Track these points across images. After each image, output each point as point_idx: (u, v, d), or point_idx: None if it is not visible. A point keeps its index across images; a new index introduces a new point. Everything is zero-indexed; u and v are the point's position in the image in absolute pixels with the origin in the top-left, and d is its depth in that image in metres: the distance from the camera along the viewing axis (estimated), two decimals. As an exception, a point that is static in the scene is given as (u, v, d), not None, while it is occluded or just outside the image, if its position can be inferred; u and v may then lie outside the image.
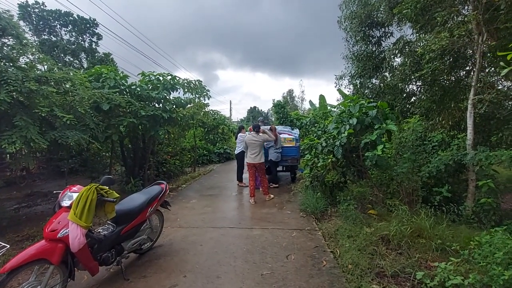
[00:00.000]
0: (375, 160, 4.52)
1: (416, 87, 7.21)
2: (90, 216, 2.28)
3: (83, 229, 2.24)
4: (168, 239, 3.85)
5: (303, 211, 4.93)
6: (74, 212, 2.24)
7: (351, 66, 8.12)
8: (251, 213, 4.98)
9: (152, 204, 3.17)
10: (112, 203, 2.47)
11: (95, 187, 2.37)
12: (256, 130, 5.92)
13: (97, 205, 2.42)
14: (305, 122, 11.28)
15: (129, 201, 3.03)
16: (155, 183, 3.60)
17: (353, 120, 4.94)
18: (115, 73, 6.29)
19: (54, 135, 4.62)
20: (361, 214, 4.59)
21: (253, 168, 5.88)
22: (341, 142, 4.81)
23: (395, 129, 4.81)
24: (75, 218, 2.21)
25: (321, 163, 5.16)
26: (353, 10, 7.37)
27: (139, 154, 7.73)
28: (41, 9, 13.45)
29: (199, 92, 7.79)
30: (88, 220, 2.27)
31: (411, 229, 3.74)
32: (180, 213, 5.01)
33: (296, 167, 7.67)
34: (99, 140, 5.75)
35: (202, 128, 12.82)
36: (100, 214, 2.50)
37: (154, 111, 6.35)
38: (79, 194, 2.31)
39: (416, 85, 7.00)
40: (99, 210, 2.47)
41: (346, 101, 5.50)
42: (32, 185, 9.04)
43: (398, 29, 6.94)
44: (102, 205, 2.47)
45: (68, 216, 2.24)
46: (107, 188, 2.48)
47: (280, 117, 14.62)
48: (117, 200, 2.59)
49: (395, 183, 5.26)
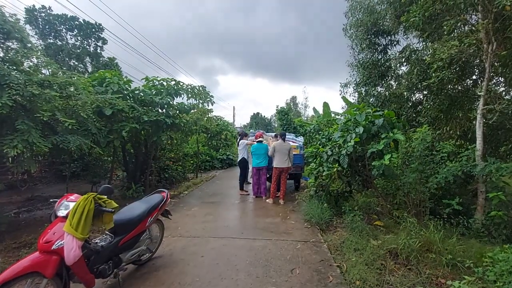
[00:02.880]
0: (382, 170, 4.40)
1: (422, 96, 7.10)
2: (86, 227, 2.19)
3: (79, 241, 2.14)
4: (168, 249, 3.73)
5: (308, 221, 4.80)
6: (70, 222, 2.14)
7: (357, 73, 8.05)
8: (254, 223, 4.85)
9: (152, 214, 3.07)
10: (110, 214, 2.37)
11: (93, 197, 2.28)
12: (283, 138, 6.41)
13: (94, 215, 2.33)
14: (309, 130, 11.16)
15: (129, 211, 2.93)
16: (156, 191, 3.51)
17: (359, 129, 4.84)
18: (118, 78, 6.25)
19: (56, 140, 4.58)
20: (367, 225, 4.45)
21: (279, 172, 6.24)
22: (347, 151, 4.69)
23: (402, 139, 4.70)
24: (71, 229, 2.12)
25: (326, 172, 5.04)
26: (358, 18, 7.33)
27: (141, 160, 7.66)
28: (47, 13, 13.61)
29: (203, 97, 7.74)
30: (85, 231, 2.17)
31: (420, 242, 3.60)
32: (181, 221, 4.90)
33: (301, 175, 7.57)
34: (100, 145, 5.70)
35: (205, 134, 12.76)
36: (98, 225, 2.41)
37: (157, 117, 6.30)
38: (76, 203, 2.22)
39: (423, 94, 6.89)
40: (97, 221, 2.37)
41: (352, 109, 5.40)
42: (34, 189, 8.99)
43: (404, 37, 6.88)
44: (100, 215, 2.37)
45: (64, 227, 2.15)
46: (105, 198, 2.39)
47: (283, 123, 14.53)
48: (116, 210, 2.50)
49: (402, 194, 5.13)
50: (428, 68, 6.05)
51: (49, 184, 9.89)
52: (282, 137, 6.46)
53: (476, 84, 6.20)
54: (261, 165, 6.60)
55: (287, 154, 6.26)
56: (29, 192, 8.27)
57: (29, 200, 7.35)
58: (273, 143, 6.52)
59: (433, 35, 6.06)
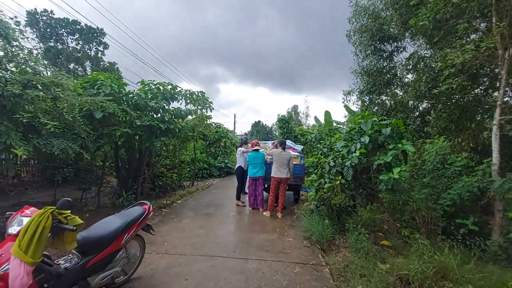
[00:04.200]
0: (391, 185, 4.01)
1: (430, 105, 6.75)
2: (39, 249, 1.81)
3: (28, 266, 1.76)
4: (149, 268, 3.33)
5: (307, 239, 4.38)
6: (20, 243, 1.77)
7: (360, 81, 7.73)
8: (248, 239, 4.42)
9: (130, 230, 2.69)
10: (72, 232, 1.99)
11: (51, 212, 1.91)
12: (283, 146, 6.06)
13: (54, 233, 1.96)
14: (310, 138, 10.81)
15: (101, 226, 2.55)
16: (137, 203, 3.13)
17: (364, 138, 4.47)
18: (111, 80, 5.96)
19: (38, 143, 4.26)
20: (373, 245, 4.04)
21: (277, 183, 5.89)
22: (351, 163, 4.32)
23: (412, 150, 4.33)
24: (19, 251, 1.75)
25: (328, 184, 4.65)
26: (363, 24, 7.05)
27: (134, 166, 7.31)
28: (49, 17, 13.54)
29: (201, 103, 7.44)
30: (36, 254, 1.79)
31: (434, 268, 3.19)
32: (168, 235, 4.49)
33: (300, 186, 7.16)
34: (90, 150, 5.37)
35: (203, 140, 12.42)
36: (57, 245, 2.03)
37: (151, 121, 5.97)
38: (29, 220, 1.85)
39: (431, 103, 6.54)
40: (57, 240, 2.00)
41: (356, 117, 5.06)
42: (23, 194, 8.62)
43: (412, 43, 6.57)
44: (61, 233, 1.99)
45: (12, 248, 1.78)
46: (67, 213, 2.01)
47: (284, 132, 14.25)
48: (82, 227, 2.12)
49: (410, 210, 4.73)
50: (437, 75, 5.73)
51: (40, 189, 9.51)
52: (282, 145, 6.09)
53: (487, 93, 5.86)
54: (257, 175, 6.21)
55: (287, 164, 5.88)
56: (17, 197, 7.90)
57: (14, 206, 6.96)
58: (271, 150, 6.17)
59: (441, 42, 5.75)
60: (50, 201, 6.99)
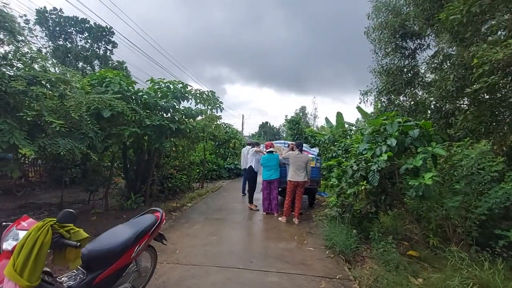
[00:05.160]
0: (422, 191, 3.65)
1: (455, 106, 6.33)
2: (37, 269, 1.53)
3: (23, 290, 1.48)
4: (161, 280, 3.04)
5: (329, 248, 4.04)
6: (14, 262, 1.50)
7: (379, 80, 7.34)
8: (265, 248, 4.10)
9: (141, 241, 2.40)
10: (76, 249, 1.70)
11: (51, 224, 1.63)
12: (300, 149, 5.78)
13: (55, 249, 1.68)
14: (324, 140, 10.44)
15: (109, 237, 2.26)
16: (148, 210, 2.85)
17: (391, 141, 4.13)
18: (120, 78, 5.72)
19: (44, 142, 4.04)
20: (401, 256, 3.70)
21: (293, 187, 5.56)
22: (378, 167, 3.97)
23: (444, 154, 3.99)
24: (13, 273, 1.47)
25: (351, 190, 4.31)
26: (384, 20, 6.68)
27: (143, 167, 7.07)
28: (58, 15, 13.46)
29: (212, 103, 7.17)
30: (33, 276, 1.51)
31: (475, 285, 2.85)
32: (180, 242, 4.21)
33: (316, 190, 6.81)
34: (97, 150, 5.14)
35: (213, 141, 12.16)
36: (59, 263, 1.74)
37: (161, 121, 5.72)
38: (25, 235, 1.58)
39: (457, 104, 6.13)
40: (58, 257, 1.72)
41: (381, 117, 4.71)
42: (30, 195, 8.49)
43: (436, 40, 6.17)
44: (63, 249, 1.71)
45: (5, 269, 1.50)
46: (71, 226, 1.73)
47: (294, 133, 13.93)
48: (87, 241, 1.84)
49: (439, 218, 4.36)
50: (467, 73, 5.34)
51: (48, 190, 9.37)
52: (299, 147, 5.76)
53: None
54: (272, 177, 5.89)
55: (304, 167, 5.54)
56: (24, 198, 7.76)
57: (21, 208, 6.80)
58: (286, 153, 5.81)
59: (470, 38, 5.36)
60: (57, 203, 6.81)
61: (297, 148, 5.74)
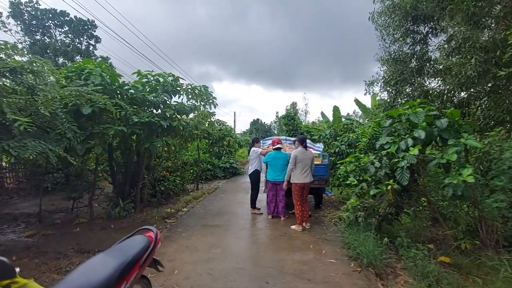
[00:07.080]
0: (461, 190, 3.13)
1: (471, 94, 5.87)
2: None
3: None
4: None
5: (354, 259, 3.48)
6: None
7: (387, 69, 6.83)
8: (279, 262, 3.48)
9: (128, 276, 1.76)
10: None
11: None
12: (304, 145, 5.12)
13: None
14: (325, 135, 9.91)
15: (84, 276, 1.60)
16: (138, 229, 2.19)
17: (419, 133, 3.59)
18: (102, 69, 5.00)
19: (8, 145, 3.34)
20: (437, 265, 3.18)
21: (301, 189, 4.91)
22: (407, 163, 3.42)
23: (479, 146, 3.50)
24: None
25: (373, 191, 3.75)
26: (393, 2, 6.14)
27: (132, 170, 6.37)
28: (34, 8, 12.38)
29: (204, 99, 6.52)
30: None
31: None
32: (178, 258, 3.56)
33: (324, 189, 6.25)
34: (78, 153, 4.43)
35: (207, 139, 11.49)
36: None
37: (150, 118, 5.04)
38: None
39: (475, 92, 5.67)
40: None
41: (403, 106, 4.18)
42: (7, 204, 7.65)
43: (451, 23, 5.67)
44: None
45: None
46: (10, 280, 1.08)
47: (290, 129, 13.41)
48: None
49: (470, 217, 3.88)
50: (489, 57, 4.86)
51: (27, 198, 8.52)
52: (303, 143, 5.08)
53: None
54: (279, 179, 5.24)
55: (310, 165, 4.92)
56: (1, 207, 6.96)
57: (-7, 221, 5.99)
58: (293, 152, 5.03)
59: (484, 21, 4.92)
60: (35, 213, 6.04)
61: (301, 144, 5.10)
